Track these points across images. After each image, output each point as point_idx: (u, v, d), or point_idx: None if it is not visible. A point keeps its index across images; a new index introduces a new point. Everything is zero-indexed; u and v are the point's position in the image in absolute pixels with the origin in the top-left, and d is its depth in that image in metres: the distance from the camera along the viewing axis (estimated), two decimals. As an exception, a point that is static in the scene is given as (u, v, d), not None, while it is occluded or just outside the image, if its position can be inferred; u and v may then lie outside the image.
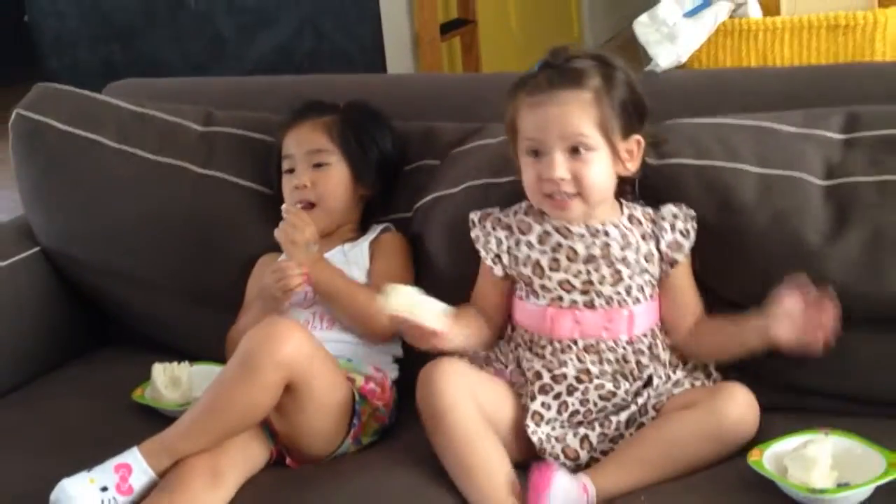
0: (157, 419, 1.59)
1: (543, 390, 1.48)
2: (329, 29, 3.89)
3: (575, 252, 1.51)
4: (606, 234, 1.51)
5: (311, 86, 1.99)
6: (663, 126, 1.62)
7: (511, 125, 1.53)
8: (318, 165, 1.72)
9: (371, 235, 1.74)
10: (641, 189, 1.59)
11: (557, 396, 1.48)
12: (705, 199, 1.56)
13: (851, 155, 1.54)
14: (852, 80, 1.72)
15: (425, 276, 1.69)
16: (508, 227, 1.56)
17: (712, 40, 2.32)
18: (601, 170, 1.48)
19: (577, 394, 1.49)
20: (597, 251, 1.50)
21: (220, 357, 1.71)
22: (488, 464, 1.39)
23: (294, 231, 1.64)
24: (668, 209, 1.55)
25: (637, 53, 2.00)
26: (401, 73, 3.64)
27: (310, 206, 1.71)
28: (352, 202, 1.75)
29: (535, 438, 1.45)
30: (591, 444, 1.46)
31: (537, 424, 1.46)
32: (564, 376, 1.49)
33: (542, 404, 1.48)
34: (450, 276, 1.68)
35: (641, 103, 1.51)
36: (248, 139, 1.87)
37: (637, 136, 1.51)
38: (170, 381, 1.66)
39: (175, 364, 1.68)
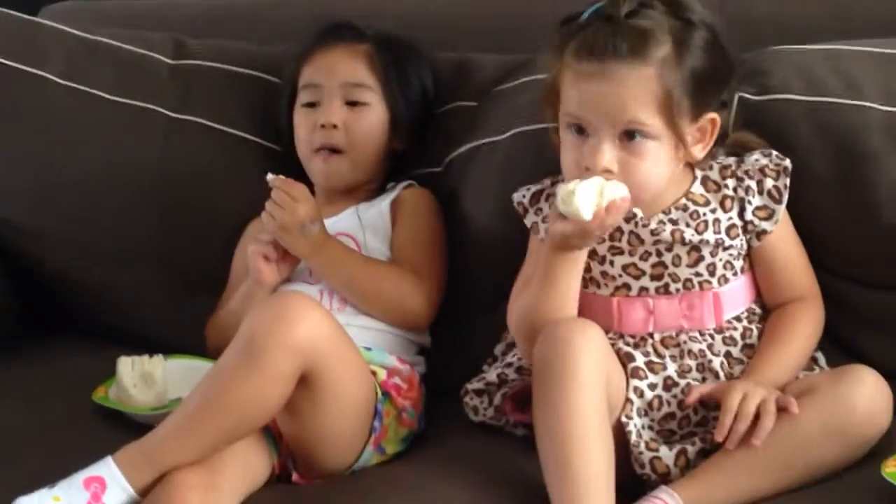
0: (126, 426, 1.59)
1: (637, 374, 1.48)
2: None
3: (639, 239, 1.51)
4: (674, 221, 1.51)
5: (304, 8, 1.99)
6: (765, 53, 1.65)
7: (551, 88, 1.51)
8: (352, 104, 1.72)
9: (391, 194, 1.75)
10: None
11: (653, 387, 1.48)
12: (819, 144, 1.57)
13: None
14: None
15: (461, 242, 1.72)
16: None
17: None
18: (657, 164, 1.46)
19: (676, 391, 1.48)
20: (666, 236, 1.51)
21: (200, 349, 1.74)
22: (595, 470, 1.37)
23: (283, 213, 1.62)
24: (755, 160, 1.54)
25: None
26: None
27: (335, 152, 1.71)
28: (382, 156, 1.75)
29: (628, 428, 1.45)
30: (687, 460, 1.45)
31: (627, 415, 1.46)
32: (664, 366, 1.49)
33: (635, 389, 1.47)
34: (493, 243, 1.70)
35: (722, 68, 1.49)
36: (231, 74, 1.87)
37: (711, 115, 1.48)
38: (140, 378, 1.66)
39: (146, 357, 1.68)
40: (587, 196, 1.39)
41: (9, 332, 1.91)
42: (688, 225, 1.51)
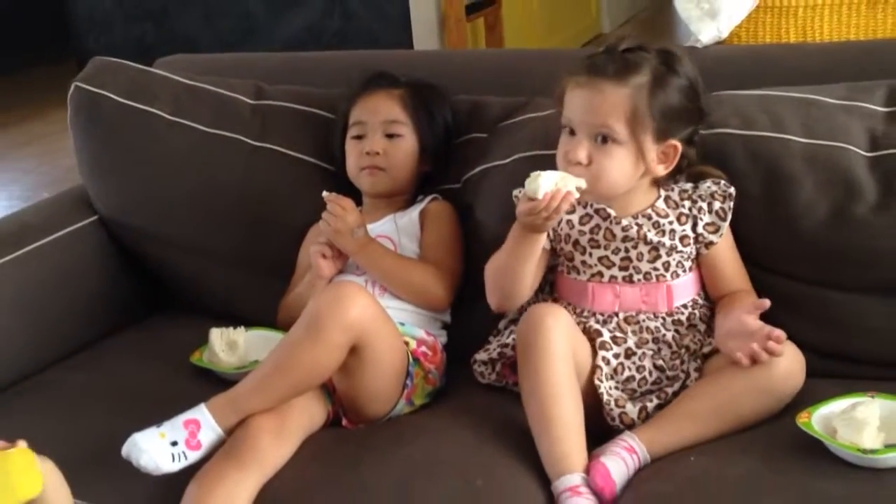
0: (216, 381, 1.62)
1: (604, 346, 1.51)
2: (357, 8, 3.91)
3: (612, 234, 1.54)
4: (639, 225, 1.53)
5: (355, 61, 1.99)
6: (710, 97, 1.61)
7: (559, 99, 1.55)
8: (390, 136, 1.74)
9: (420, 205, 1.77)
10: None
11: (616, 356, 1.52)
12: (751, 168, 1.57)
13: (895, 127, 1.55)
14: (892, 55, 1.73)
15: (475, 245, 1.72)
16: None
17: (752, 16, 2.32)
18: (620, 166, 1.48)
19: (635, 358, 1.52)
20: (633, 233, 1.53)
21: (273, 322, 1.75)
22: (568, 419, 1.41)
23: (336, 220, 1.66)
24: (707, 187, 1.56)
25: (655, 33, 2.00)
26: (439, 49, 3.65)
27: (378, 170, 1.73)
28: (413, 175, 1.77)
29: (600, 390, 1.48)
30: (647, 413, 1.49)
31: (598, 379, 1.49)
32: (626, 339, 1.53)
33: (603, 359, 1.50)
34: (499, 244, 1.64)
35: (690, 109, 1.51)
36: (298, 112, 1.89)
37: (673, 142, 1.50)
38: (227, 345, 1.68)
39: (231, 329, 1.70)
40: (547, 182, 1.43)
41: (128, 310, 1.94)
42: (650, 229, 1.54)
